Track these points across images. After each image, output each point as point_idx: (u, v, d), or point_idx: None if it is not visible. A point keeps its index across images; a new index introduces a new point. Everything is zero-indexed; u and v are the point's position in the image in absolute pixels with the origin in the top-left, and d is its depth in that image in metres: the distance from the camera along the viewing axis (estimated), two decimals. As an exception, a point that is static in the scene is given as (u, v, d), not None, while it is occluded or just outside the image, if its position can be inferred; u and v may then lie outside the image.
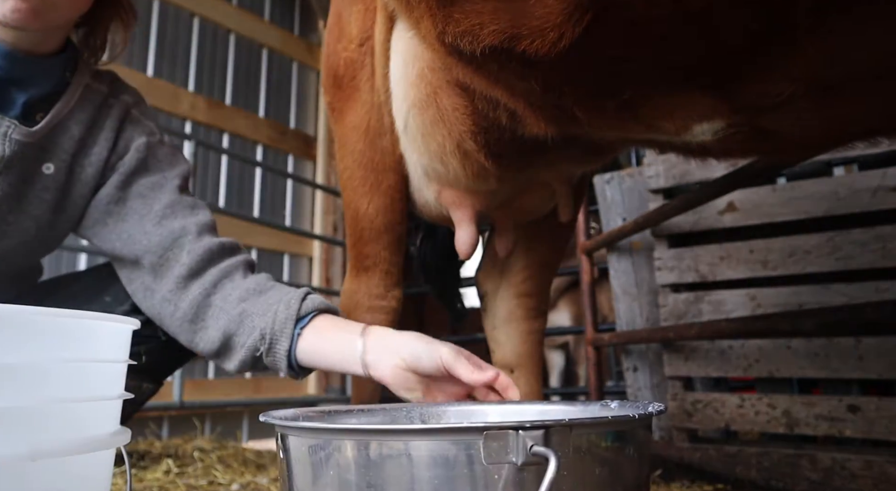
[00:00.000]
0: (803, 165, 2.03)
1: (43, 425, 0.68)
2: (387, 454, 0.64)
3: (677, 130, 0.74)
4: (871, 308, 1.24)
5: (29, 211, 1.26)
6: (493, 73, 0.69)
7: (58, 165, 1.27)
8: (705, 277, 2.23)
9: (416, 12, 0.66)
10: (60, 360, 0.70)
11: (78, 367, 0.73)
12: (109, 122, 1.35)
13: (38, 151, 1.25)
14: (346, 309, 1.72)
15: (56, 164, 1.27)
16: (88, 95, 1.33)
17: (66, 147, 1.29)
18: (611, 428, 0.68)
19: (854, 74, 0.62)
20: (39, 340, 0.68)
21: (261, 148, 4.42)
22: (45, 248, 1.41)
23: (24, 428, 0.66)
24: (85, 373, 0.74)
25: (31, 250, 1.36)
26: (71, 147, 1.29)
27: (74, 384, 0.72)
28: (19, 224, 1.25)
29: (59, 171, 1.28)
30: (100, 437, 0.75)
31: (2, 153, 1.17)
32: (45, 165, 1.26)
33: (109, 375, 0.80)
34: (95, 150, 1.33)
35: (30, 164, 1.24)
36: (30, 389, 0.67)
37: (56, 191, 1.28)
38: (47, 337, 0.69)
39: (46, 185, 1.26)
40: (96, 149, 1.33)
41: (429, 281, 2.21)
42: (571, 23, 0.53)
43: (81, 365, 0.73)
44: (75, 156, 1.30)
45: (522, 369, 1.78)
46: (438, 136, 1.26)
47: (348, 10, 1.62)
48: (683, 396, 2.21)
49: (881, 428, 1.77)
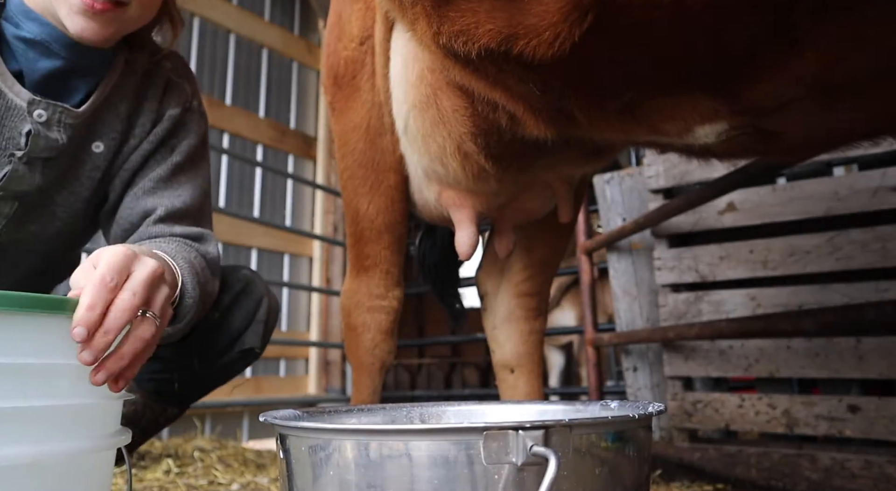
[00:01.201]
0: (803, 165, 2.03)
1: (46, 426, 0.68)
2: (387, 454, 0.64)
3: (679, 132, 0.74)
4: (871, 308, 1.24)
5: (79, 192, 1.25)
6: (492, 75, 0.69)
7: (107, 143, 1.27)
8: (705, 277, 2.23)
9: (410, 13, 0.66)
10: (63, 361, 0.70)
11: (79, 368, 0.73)
12: (153, 92, 1.34)
13: (86, 131, 1.24)
14: (347, 309, 1.72)
15: (105, 142, 1.27)
16: (130, 69, 1.32)
17: (114, 125, 1.28)
18: (611, 428, 0.68)
19: (856, 75, 0.62)
20: (42, 341, 0.68)
21: (261, 148, 4.42)
22: (87, 234, 1.42)
23: (28, 428, 0.66)
24: (86, 374, 0.74)
25: (77, 235, 1.36)
26: (119, 124, 1.29)
27: (76, 385, 0.72)
28: (69, 205, 1.25)
29: (109, 149, 1.27)
30: (101, 436, 0.76)
31: (62, 141, 1.17)
32: (94, 144, 1.25)
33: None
34: (140, 122, 1.32)
35: (79, 144, 1.23)
36: (32, 389, 0.67)
37: (104, 168, 1.28)
38: (49, 337, 0.69)
39: (97, 164, 1.26)
40: (141, 119, 1.32)
41: (428, 281, 2.21)
42: (569, 23, 0.53)
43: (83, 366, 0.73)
44: (123, 131, 1.30)
45: (522, 369, 1.78)
46: (438, 137, 1.27)
47: (349, 9, 1.62)
48: (683, 396, 2.21)
49: (881, 428, 1.77)
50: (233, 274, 1.51)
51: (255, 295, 1.50)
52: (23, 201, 1.18)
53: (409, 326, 7.30)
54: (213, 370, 1.48)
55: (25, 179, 1.16)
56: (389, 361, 1.73)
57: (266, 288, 1.53)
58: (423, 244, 2.15)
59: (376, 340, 1.69)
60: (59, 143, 1.17)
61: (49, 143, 1.16)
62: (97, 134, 1.26)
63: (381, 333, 1.70)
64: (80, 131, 1.22)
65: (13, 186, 1.15)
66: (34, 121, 1.13)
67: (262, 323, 1.49)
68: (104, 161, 1.28)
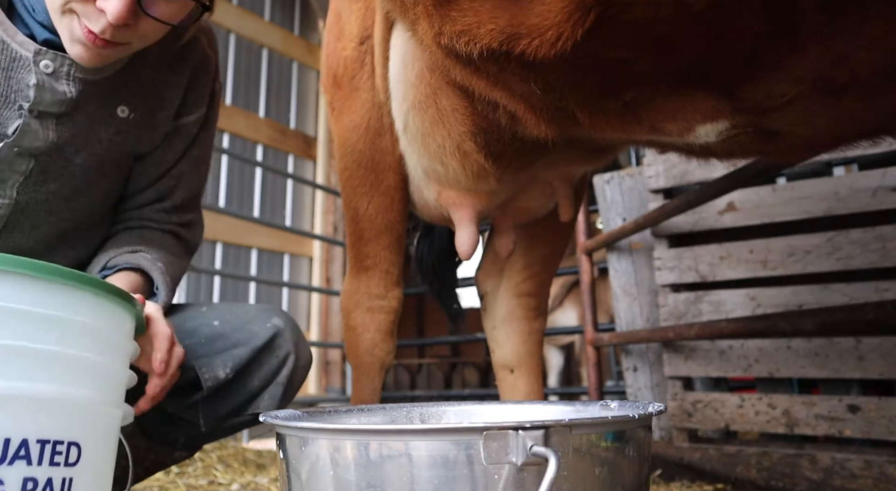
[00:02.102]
0: (803, 165, 2.03)
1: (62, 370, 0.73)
2: (387, 454, 0.64)
3: (680, 132, 0.74)
4: (871, 308, 1.24)
5: (101, 154, 1.23)
6: (492, 75, 0.69)
7: (132, 108, 1.25)
8: (705, 277, 2.23)
9: (411, 14, 0.66)
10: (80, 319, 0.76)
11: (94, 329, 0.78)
12: (182, 66, 1.32)
13: (107, 92, 1.21)
14: (347, 309, 1.72)
15: (132, 108, 1.25)
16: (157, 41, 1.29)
17: (139, 92, 1.26)
18: (611, 428, 0.68)
19: (858, 74, 0.62)
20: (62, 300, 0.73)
21: (261, 148, 4.42)
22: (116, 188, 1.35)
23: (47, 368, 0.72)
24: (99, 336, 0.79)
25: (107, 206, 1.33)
26: (143, 90, 1.27)
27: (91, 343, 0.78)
28: (90, 167, 1.23)
29: (135, 115, 1.25)
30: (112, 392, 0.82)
31: (70, 95, 1.14)
32: (119, 108, 1.23)
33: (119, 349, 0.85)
34: (168, 95, 1.31)
35: (99, 104, 1.21)
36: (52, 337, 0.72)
37: (128, 133, 1.26)
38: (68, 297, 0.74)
39: (121, 129, 1.24)
40: (169, 94, 1.31)
41: (425, 281, 2.21)
42: (571, 22, 0.53)
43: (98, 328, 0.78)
44: (148, 99, 1.28)
45: (522, 369, 1.78)
46: (438, 136, 1.26)
47: (348, 9, 1.62)
48: (683, 396, 2.21)
49: (881, 428, 1.77)
50: (258, 321, 1.31)
51: (280, 351, 1.30)
52: (39, 159, 1.16)
53: (409, 326, 7.31)
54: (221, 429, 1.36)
55: (38, 135, 1.14)
56: (389, 361, 1.73)
57: (296, 340, 1.32)
58: (421, 244, 2.15)
59: (376, 340, 1.69)
60: (68, 96, 1.14)
61: (56, 97, 1.13)
62: (120, 98, 1.24)
63: (381, 333, 1.69)
64: (97, 90, 1.19)
65: (26, 142, 1.13)
66: (40, 71, 1.11)
67: (282, 386, 1.30)
68: (132, 127, 1.25)
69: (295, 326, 1.34)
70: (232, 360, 1.26)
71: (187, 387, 1.25)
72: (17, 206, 1.17)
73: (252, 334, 1.28)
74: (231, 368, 1.25)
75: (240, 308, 1.35)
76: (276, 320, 1.31)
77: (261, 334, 1.28)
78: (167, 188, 1.35)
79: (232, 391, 1.28)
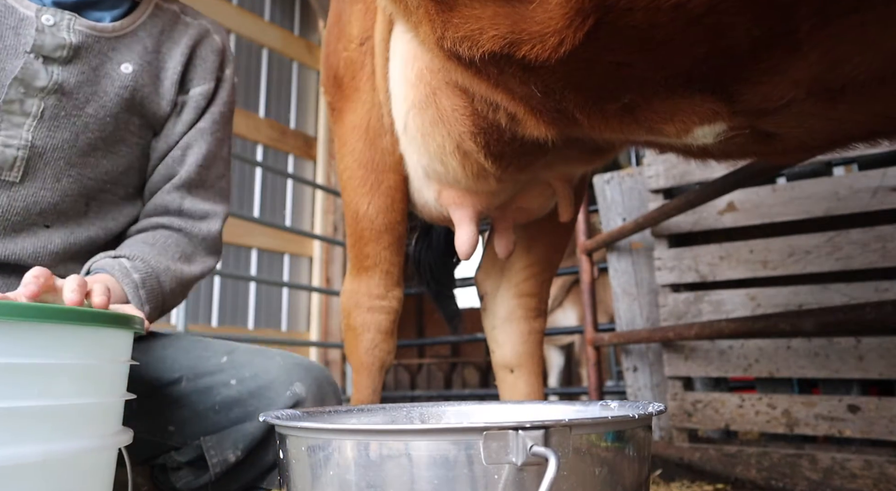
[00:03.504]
0: (803, 165, 2.03)
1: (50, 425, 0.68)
2: (387, 454, 0.65)
3: (678, 133, 0.74)
4: (871, 308, 1.24)
5: (109, 107, 1.27)
6: (493, 77, 0.69)
7: (135, 68, 1.31)
8: (705, 277, 2.23)
9: (414, 17, 0.66)
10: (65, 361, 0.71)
11: (81, 368, 0.73)
12: (185, 40, 1.39)
13: (111, 50, 1.28)
14: (347, 309, 1.72)
15: (134, 66, 1.30)
16: (158, 13, 1.38)
17: (141, 53, 1.32)
18: (611, 428, 0.68)
19: (855, 78, 0.62)
20: (43, 342, 0.68)
21: (261, 148, 4.42)
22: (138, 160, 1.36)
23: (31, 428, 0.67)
24: (88, 374, 0.74)
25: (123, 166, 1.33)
26: (146, 55, 1.33)
27: (79, 386, 0.73)
28: (100, 119, 1.26)
29: (138, 74, 1.31)
30: (103, 436, 0.76)
31: (70, 40, 1.22)
32: (123, 65, 1.29)
33: (112, 377, 0.80)
34: (170, 65, 1.36)
35: (104, 59, 1.28)
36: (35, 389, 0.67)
37: (134, 91, 1.30)
38: (51, 339, 0.69)
39: (125, 84, 1.29)
40: (171, 64, 1.36)
41: (423, 282, 2.21)
42: (573, 28, 0.53)
43: (85, 366, 0.74)
44: (151, 64, 1.34)
45: (522, 369, 1.78)
46: (438, 136, 1.27)
47: (348, 9, 1.62)
48: (683, 396, 2.21)
49: (881, 428, 1.77)
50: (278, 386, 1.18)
51: None
52: (47, 102, 1.21)
53: (409, 326, 7.31)
54: None
55: (41, 75, 1.19)
56: (389, 361, 1.73)
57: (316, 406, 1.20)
58: (419, 245, 2.15)
59: (376, 341, 1.69)
60: (67, 41, 1.21)
61: (57, 41, 1.21)
62: (123, 57, 1.30)
63: (381, 334, 1.70)
64: (99, 45, 1.26)
65: (30, 80, 1.19)
66: (42, 24, 1.20)
67: None
68: (134, 83, 1.30)
69: (320, 391, 1.21)
70: (244, 440, 1.15)
71: (198, 463, 1.19)
72: (34, 151, 1.20)
73: (268, 405, 1.16)
74: (242, 449, 1.16)
75: (263, 363, 1.21)
76: (297, 388, 1.17)
77: (278, 405, 1.16)
78: (174, 160, 1.35)
79: (244, 470, 1.20)
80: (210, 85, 1.41)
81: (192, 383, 1.18)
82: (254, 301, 4.28)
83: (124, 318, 0.80)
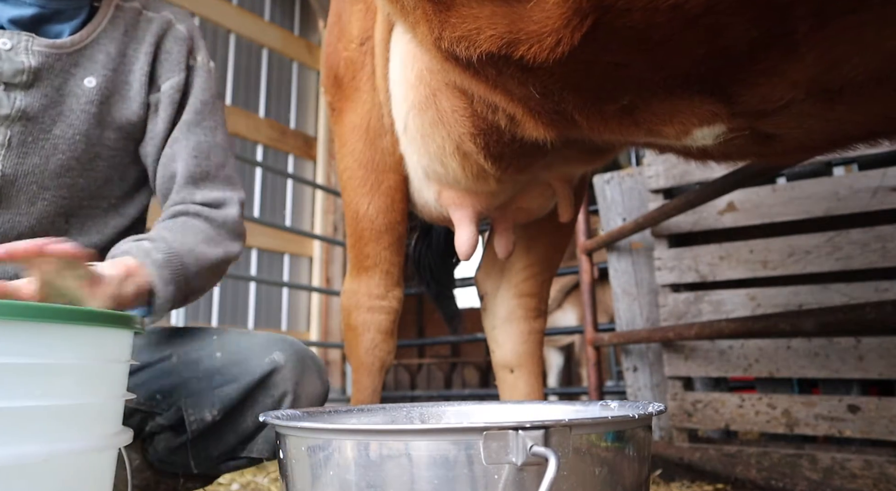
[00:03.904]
0: (803, 165, 2.03)
1: (49, 426, 0.68)
2: (387, 454, 0.65)
3: (677, 135, 0.74)
4: (871, 308, 1.24)
5: (77, 125, 1.26)
6: (492, 78, 0.69)
7: (99, 80, 1.29)
8: (705, 277, 2.23)
9: (411, 17, 0.66)
10: (65, 361, 0.71)
11: (82, 368, 0.73)
12: (148, 37, 1.36)
13: (72, 66, 1.27)
14: (347, 308, 1.72)
15: (98, 78, 1.29)
16: (120, 14, 1.35)
17: (104, 63, 1.31)
18: (611, 428, 0.68)
19: (854, 78, 0.63)
20: (45, 342, 0.69)
21: (261, 148, 4.42)
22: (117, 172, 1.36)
23: (32, 428, 0.67)
24: (89, 375, 0.75)
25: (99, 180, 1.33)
26: (110, 62, 1.31)
27: (79, 385, 0.73)
28: (70, 139, 1.25)
29: (103, 85, 1.29)
30: (103, 436, 0.76)
31: (28, 64, 1.20)
32: (86, 79, 1.28)
33: (112, 377, 0.80)
34: (137, 67, 1.34)
35: (66, 77, 1.27)
36: (35, 389, 0.67)
37: (101, 104, 1.29)
38: (52, 339, 0.69)
39: (90, 98, 1.28)
40: (137, 65, 1.34)
41: (423, 282, 2.21)
42: (570, 28, 0.53)
43: (86, 367, 0.74)
44: (117, 71, 1.32)
45: (522, 369, 1.78)
46: (438, 137, 1.27)
47: (349, 9, 1.62)
48: (683, 396, 2.21)
49: (881, 428, 1.77)
50: (258, 355, 1.21)
51: (276, 390, 1.19)
52: (13, 129, 1.20)
53: (409, 326, 7.31)
54: (217, 471, 1.28)
55: (3, 103, 1.19)
56: (389, 361, 1.74)
57: (298, 378, 1.21)
58: (419, 245, 2.15)
59: (376, 341, 1.69)
60: (26, 65, 1.20)
61: (15, 66, 1.19)
62: (86, 71, 1.29)
63: (381, 333, 1.70)
64: (61, 63, 1.25)
65: None
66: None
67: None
68: (99, 96, 1.29)
69: (300, 361, 1.22)
70: (221, 400, 1.17)
71: (177, 427, 1.20)
72: (5, 179, 1.20)
73: (246, 371, 1.18)
74: (219, 409, 1.18)
75: (249, 339, 1.25)
76: (276, 355, 1.20)
77: (255, 371, 1.18)
78: (168, 159, 1.33)
79: (222, 433, 1.20)
80: (180, 76, 1.37)
81: (182, 358, 1.22)
82: (254, 301, 4.28)
83: (124, 318, 0.80)
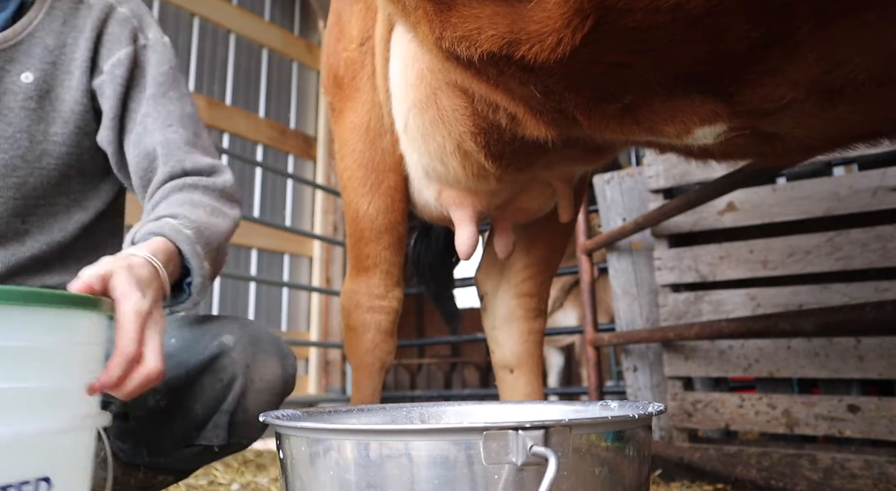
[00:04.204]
0: (803, 165, 2.03)
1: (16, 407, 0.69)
2: (387, 454, 0.65)
3: (679, 134, 0.74)
4: (871, 308, 1.24)
5: (16, 123, 1.23)
6: (493, 77, 0.69)
7: (37, 74, 1.26)
8: (705, 277, 2.23)
9: (412, 17, 0.66)
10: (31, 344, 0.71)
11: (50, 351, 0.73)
12: (89, 24, 1.32)
13: (7, 62, 1.24)
14: (347, 309, 1.72)
15: (35, 73, 1.25)
16: (57, 4, 1.31)
17: (42, 56, 1.27)
18: (611, 428, 0.68)
19: (855, 78, 0.63)
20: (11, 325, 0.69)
21: (261, 148, 4.42)
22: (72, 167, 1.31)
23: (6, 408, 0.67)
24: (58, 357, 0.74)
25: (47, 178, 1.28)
26: (48, 55, 1.28)
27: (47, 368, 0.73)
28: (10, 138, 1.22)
29: (41, 80, 1.26)
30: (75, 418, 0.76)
31: None
32: (23, 74, 1.24)
33: (84, 360, 0.80)
34: (78, 55, 1.30)
35: (2, 73, 1.23)
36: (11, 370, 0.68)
37: (42, 99, 1.25)
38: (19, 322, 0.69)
39: (29, 94, 1.24)
40: (78, 53, 1.30)
41: (423, 282, 2.21)
42: (571, 28, 0.53)
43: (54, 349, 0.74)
44: (56, 63, 1.28)
45: (522, 369, 1.78)
46: (438, 136, 1.27)
47: (349, 9, 1.62)
48: (683, 396, 2.21)
49: (881, 428, 1.77)
50: (208, 338, 1.14)
51: (224, 374, 1.11)
52: None
53: (409, 326, 7.31)
54: (175, 460, 1.21)
55: None
56: (389, 361, 1.74)
57: (249, 361, 1.13)
58: (418, 245, 2.15)
59: (376, 341, 1.69)
60: None
61: None
62: (23, 66, 1.25)
63: (381, 334, 1.70)
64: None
65: None
66: None
67: (228, 415, 1.11)
68: (37, 91, 1.25)
69: (252, 343, 1.15)
70: (164, 385, 1.06)
71: (125, 414, 1.16)
72: None
73: (193, 354, 1.12)
74: (163, 393, 1.11)
75: (210, 321, 1.20)
76: (225, 338, 1.13)
77: (202, 354, 1.12)
78: (139, 136, 1.27)
79: (170, 419, 1.14)
80: (122, 52, 1.31)
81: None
82: (254, 301, 4.28)
83: (91, 300, 0.79)
